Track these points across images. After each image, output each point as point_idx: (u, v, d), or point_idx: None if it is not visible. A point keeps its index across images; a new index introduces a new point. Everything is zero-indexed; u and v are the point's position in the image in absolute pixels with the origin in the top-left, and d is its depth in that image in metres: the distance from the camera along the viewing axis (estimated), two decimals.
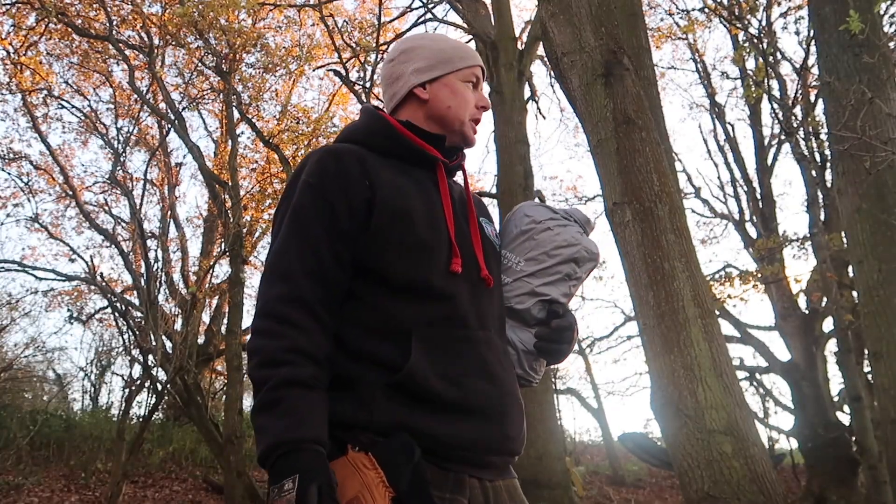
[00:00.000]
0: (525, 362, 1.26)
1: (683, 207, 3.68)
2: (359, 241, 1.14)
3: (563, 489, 7.00)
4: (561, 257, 1.27)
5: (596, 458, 14.97)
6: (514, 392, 1.19)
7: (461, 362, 1.12)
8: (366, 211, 1.14)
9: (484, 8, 9.58)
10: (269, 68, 11.41)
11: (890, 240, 3.76)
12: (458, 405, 1.09)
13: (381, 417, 1.04)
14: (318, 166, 1.17)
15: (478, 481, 1.10)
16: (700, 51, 12.44)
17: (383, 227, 1.14)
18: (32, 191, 12.13)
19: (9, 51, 10.34)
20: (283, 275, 1.11)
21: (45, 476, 8.37)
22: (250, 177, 13.55)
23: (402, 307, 1.12)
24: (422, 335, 1.09)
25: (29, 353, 13.00)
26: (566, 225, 1.31)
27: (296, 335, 1.05)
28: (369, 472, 0.99)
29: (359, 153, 1.21)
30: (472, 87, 1.32)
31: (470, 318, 1.15)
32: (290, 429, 0.97)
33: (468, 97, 1.31)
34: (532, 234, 1.30)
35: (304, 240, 1.13)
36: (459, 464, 1.08)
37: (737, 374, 3.32)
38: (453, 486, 1.06)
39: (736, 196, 11.99)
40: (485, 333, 1.17)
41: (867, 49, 3.99)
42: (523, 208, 1.37)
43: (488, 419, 1.11)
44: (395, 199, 1.16)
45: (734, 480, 2.87)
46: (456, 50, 1.34)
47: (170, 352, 8.04)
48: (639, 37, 4.22)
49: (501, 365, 1.18)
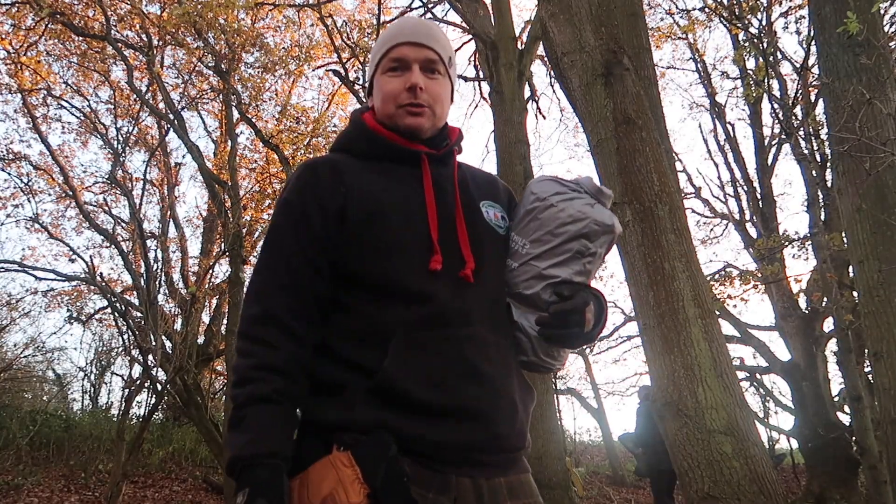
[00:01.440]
0: (538, 349, 1.20)
1: (683, 207, 3.68)
2: (336, 247, 1.15)
3: (563, 489, 7.00)
4: (567, 235, 1.19)
5: (596, 458, 14.97)
6: (504, 388, 1.15)
7: (443, 364, 1.10)
8: (340, 217, 1.16)
9: (484, 8, 9.57)
10: (269, 68, 11.41)
11: (890, 240, 3.76)
12: (441, 408, 1.08)
13: (362, 417, 1.06)
14: (296, 182, 1.20)
15: (470, 480, 1.09)
16: (700, 51, 12.44)
17: (357, 232, 1.15)
18: (32, 191, 12.14)
19: (8, 51, 10.34)
20: (258, 294, 1.15)
21: (44, 476, 8.36)
22: (250, 177, 13.56)
23: (381, 311, 1.12)
24: (401, 338, 1.09)
25: (29, 353, 13.01)
26: (573, 198, 1.21)
27: (264, 353, 1.08)
28: (346, 469, 1.01)
29: (335, 161, 1.22)
30: (398, 73, 1.24)
31: (451, 317, 1.13)
32: (247, 445, 1.02)
33: (391, 87, 1.23)
34: (536, 212, 1.23)
35: (278, 255, 1.16)
36: (446, 464, 1.07)
37: (737, 374, 3.32)
38: (438, 485, 1.05)
39: (736, 196, 11.99)
40: (469, 330, 1.14)
41: (866, 49, 3.98)
42: (530, 185, 1.29)
43: (474, 419, 1.10)
44: (368, 203, 1.16)
45: (734, 480, 2.86)
46: (380, 42, 1.29)
47: (170, 352, 8.04)
48: (639, 36, 4.21)
49: (490, 361, 1.14)
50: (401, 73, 1.24)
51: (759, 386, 12.35)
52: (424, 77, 1.24)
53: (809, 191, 9.20)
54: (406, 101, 1.22)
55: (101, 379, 13.99)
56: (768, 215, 11.08)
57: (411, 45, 1.24)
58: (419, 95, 1.22)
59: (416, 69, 1.23)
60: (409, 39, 1.24)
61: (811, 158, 8.69)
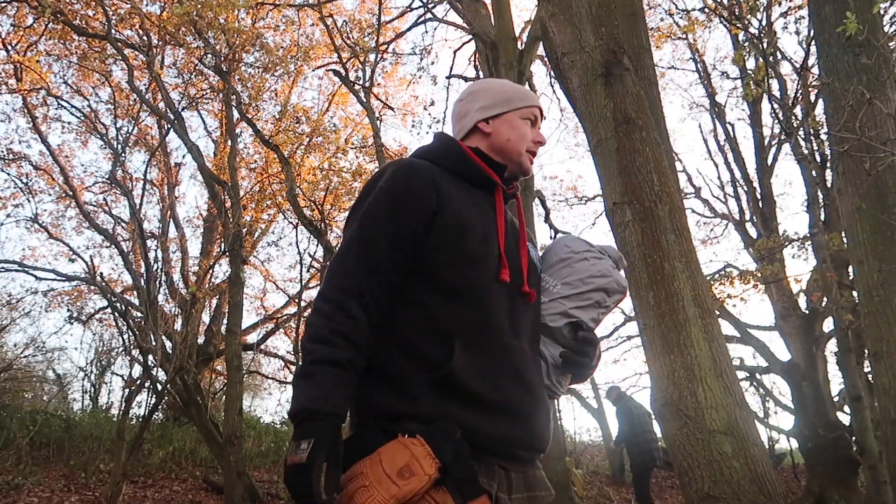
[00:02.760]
0: (553, 375, 1.39)
1: (683, 207, 3.68)
2: (419, 247, 1.28)
3: (563, 489, 7.00)
4: (594, 285, 1.43)
5: (596, 458, 14.97)
6: (542, 396, 1.33)
7: (497, 365, 1.25)
8: (429, 221, 1.28)
9: (484, 8, 9.57)
10: (269, 68, 11.41)
11: (890, 240, 3.76)
12: (493, 403, 1.22)
13: (427, 408, 1.18)
14: (394, 176, 1.32)
15: (504, 471, 1.23)
16: (700, 51, 12.44)
17: (443, 237, 1.28)
18: (32, 191, 12.15)
19: (8, 50, 10.34)
20: (348, 269, 1.25)
21: (45, 476, 8.36)
22: (250, 177, 13.56)
23: (448, 311, 1.26)
24: (464, 338, 1.23)
25: (29, 353, 13.01)
26: (601, 258, 1.48)
27: (344, 321, 1.19)
28: (418, 447, 1.13)
29: (431, 169, 1.35)
30: (530, 124, 1.49)
31: (506, 327, 1.29)
32: (316, 399, 1.13)
33: (525, 132, 1.48)
34: (570, 262, 1.47)
35: (371, 240, 1.26)
36: (490, 455, 1.21)
37: (737, 374, 3.32)
38: (486, 472, 1.19)
39: (736, 196, 12.00)
40: (518, 342, 1.31)
41: (867, 50, 3.98)
42: (564, 240, 1.55)
43: (519, 417, 1.25)
44: (457, 214, 1.31)
45: (734, 480, 2.87)
46: (517, 92, 1.52)
47: (170, 352, 8.04)
48: (639, 36, 4.21)
49: (531, 371, 1.31)
50: (532, 127, 1.50)
51: (759, 386, 12.34)
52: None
53: (809, 191, 9.20)
54: (533, 149, 1.50)
55: (101, 379, 14.00)
56: (768, 215, 11.08)
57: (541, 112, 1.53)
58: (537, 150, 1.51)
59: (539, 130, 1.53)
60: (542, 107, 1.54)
61: (811, 158, 8.69)
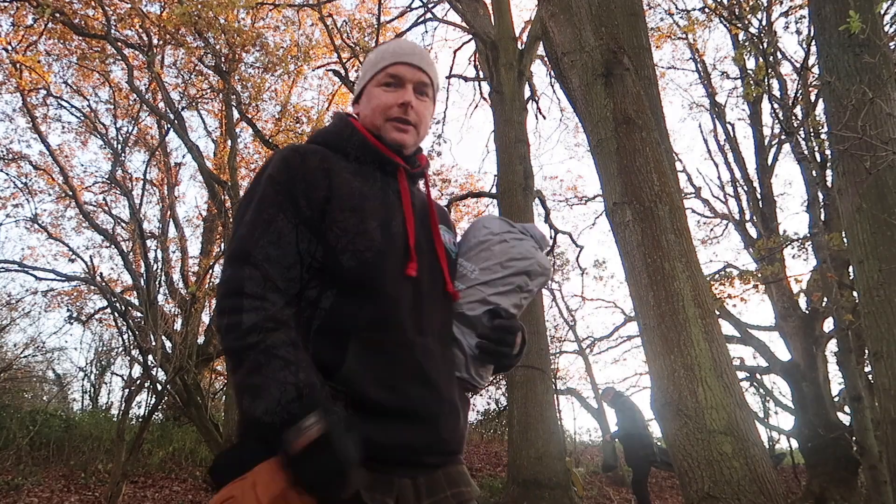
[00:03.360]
0: (472, 367, 1.29)
1: (683, 207, 3.68)
2: (315, 235, 1.17)
3: (563, 489, 6.99)
4: (514, 269, 1.33)
5: (596, 458, 14.96)
6: (449, 396, 1.21)
7: (397, 366, 1.15)
8: (322, 207, 1.18)
9: (484, 8, 9.58)
10: (269, 68, 11.40)
11: (890, 240, 3.76)
12: (392, 409, 1.12)
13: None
14: (283, 163, 1.21)
15: (411, 480, 1.13)
16: (700, 51, 12.44)
17: (338, 226, 1.17)
18: (32, 191, 12.14)
19: (8, 50, 10.34)
20: (249, 257, 1.12)
21: (44, 476, 8.36)
22: (250, 176, 13.54)
23: (345, 307, 1.15)
24: (360, 338, 1.13)
25: (29, 353, 12.99)
26: (522, 239, 1.37)
27: (269, 307, 1.08)
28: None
29: (323, 153, 1.24)
30: (391, 88, 1.31)
31: (407, 324, 1.18)
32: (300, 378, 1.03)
33: (382, 100, 1.30)
34: (489, 244, 1.36)
35: (267, 227, 1.15)
36: (391, 465, 1.11)
37: (737, 375, 3.32)
38: (381, 486, 1.09)
39: (736, 196, 12.00)
40: (422, 339, 1.19)
41: (868, 49, 3.98)
42: (482, 220, 1.43)
43: (422, 422, 1.15)
44: (351, 199, 1.20)
45: (734, 480, 2.86)
46: (378, 55, 1.35)
47: (170, 352, 8.04)
48: (639, 36, 4.21)
49: (437, 370, 1.20)
50: (394, 90, 1.31)
51: (759, 386, 12.35)
52: (416, 97, 1.31)
53: (809, 191, 9.20)
54: (395, 115, 1.29)
55: (101, 379, 13.98)
56: (768, 215, 11.08)
57: (409, 65, 1.31)
58: (409, 113, 1.29)
59: (410, 88, 1.31)
60: (408, 60, 1.31)
61: (811, 158, 8.68)
